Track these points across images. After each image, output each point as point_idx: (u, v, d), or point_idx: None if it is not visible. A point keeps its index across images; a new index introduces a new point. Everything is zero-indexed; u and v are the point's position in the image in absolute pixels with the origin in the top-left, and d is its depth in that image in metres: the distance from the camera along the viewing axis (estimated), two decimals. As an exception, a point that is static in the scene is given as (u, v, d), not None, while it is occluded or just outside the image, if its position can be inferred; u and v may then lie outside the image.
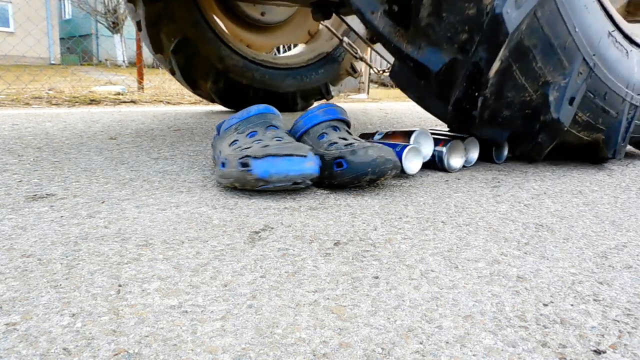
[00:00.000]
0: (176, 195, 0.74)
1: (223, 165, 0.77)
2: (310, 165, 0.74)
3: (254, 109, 0.86)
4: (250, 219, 0.64)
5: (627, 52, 0.94)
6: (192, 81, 1.97)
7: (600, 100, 0.92)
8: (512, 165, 1.04)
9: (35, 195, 0.73)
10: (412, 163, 0.88)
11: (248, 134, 0.81)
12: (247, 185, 0.74)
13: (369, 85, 4.22)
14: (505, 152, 1.05)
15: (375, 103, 3.43)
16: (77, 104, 2.37)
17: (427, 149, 0.95)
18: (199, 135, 1.40)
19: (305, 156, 0.73)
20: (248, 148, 0.76)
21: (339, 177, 0.77)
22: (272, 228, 0.61)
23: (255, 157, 0.72)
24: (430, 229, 0.62)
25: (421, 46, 0.87)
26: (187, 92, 2.91)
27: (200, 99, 2.45)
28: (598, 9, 0.89)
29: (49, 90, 2.76)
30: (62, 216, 0.63)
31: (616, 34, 0.92)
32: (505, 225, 0.64)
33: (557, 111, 0.88)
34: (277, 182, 0.72)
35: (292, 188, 0.76)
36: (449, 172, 0.95)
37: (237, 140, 0.81)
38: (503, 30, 0.78)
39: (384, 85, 5.95)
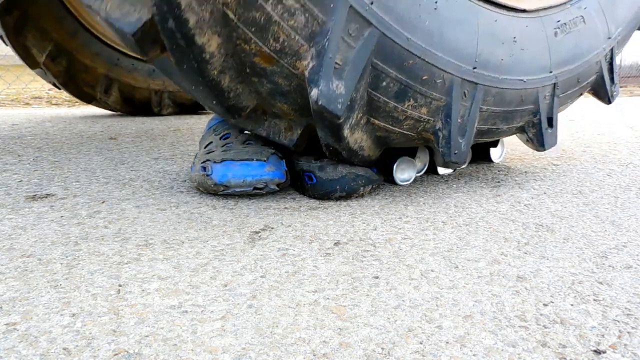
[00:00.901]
0: (176, 195, 0.74)
1: (192, 167, 0.76)
2: (270, 170, 0.70)
3: None
4: (250, 219, 0.64)
5: (577, 23, 0.86)
6: (25, 53, 1.58)
7: (578, 86, 0.90)
8: (512, 165, 1.04)
9: (35, 195, 0.73)
10: (405, 174, 0.85)
11: (222, 136, 0.80)
12: (209, 190, 0.71)
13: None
14: (503, 151, 1.05)
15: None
16: (77, 104, 2.37)
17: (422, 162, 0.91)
18: (199, 135, 1.40)
19: (265, 161, 0.70)
20: (212, 152, 0.74)
21: (310, 190, 0.74)
22: (272, 228, 0.61)
23: (214, 162, 0.70)
24: (430, 229, 0.62)
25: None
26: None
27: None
28: (535, 29, 0.79)
29: (49, 90, 2.76)
30: (62, 216, 0.63)
31: (560, 22, 0.82)
32: (505, 225, 0.64)
33: (541, 144, 0.86)
34: (236, 187, 0.70)
35: (254, 193, 0.73)
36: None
37: (212, 142, 0.79)
38: (462, 161, 0.74)
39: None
